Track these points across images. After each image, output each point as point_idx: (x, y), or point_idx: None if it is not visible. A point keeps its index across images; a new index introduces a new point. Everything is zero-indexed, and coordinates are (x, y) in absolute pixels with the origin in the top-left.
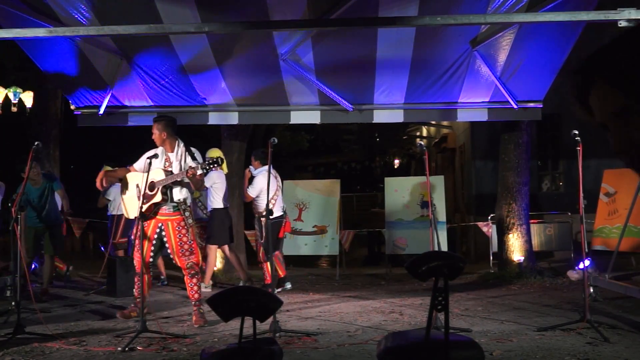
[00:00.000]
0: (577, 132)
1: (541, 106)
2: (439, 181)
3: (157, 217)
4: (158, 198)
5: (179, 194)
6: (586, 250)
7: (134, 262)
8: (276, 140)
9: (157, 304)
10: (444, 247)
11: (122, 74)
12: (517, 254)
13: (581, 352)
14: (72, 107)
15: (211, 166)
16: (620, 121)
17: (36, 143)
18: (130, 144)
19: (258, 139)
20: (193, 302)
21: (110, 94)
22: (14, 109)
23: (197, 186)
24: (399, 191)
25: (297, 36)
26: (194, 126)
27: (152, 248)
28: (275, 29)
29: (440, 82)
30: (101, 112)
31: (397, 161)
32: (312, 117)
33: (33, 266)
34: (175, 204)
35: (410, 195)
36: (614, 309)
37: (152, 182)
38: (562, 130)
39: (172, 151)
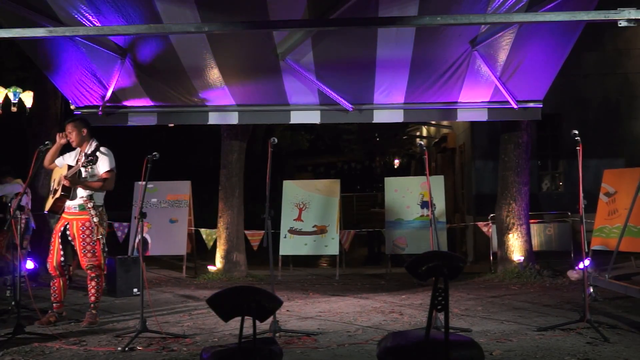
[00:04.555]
0: (577, 132)
1: (541, 106)
2: (439, 181)
3: (64, 215)
4: (58, 194)
5: (81, 192)
6: (586, 250)
7: (47, 265)
8: (276, 140)
9: (157, 303)
10: (444, 247)
11: (122, 74)
12: (517, 254)
13: (581, 352)
14: (72, 107)
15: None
16: None
17: (46, 143)
18: (131, 144)
19: (258, 139)
20: (90, 304)
21: (110, 94)
22: (14, 109)
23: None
24: (399, 191)
25: (297, 36)
26: (194, 126)
27: (60, 247)
28: (275, 29)
29: (440, 82)
30: (101, 112)
31: (397, 161)
32: (312, 117)
33: (34, 267)
34: (80, 203)
35: (410, 195)
36: (614, 309)
37: (63, 177)
38: (562, 130)
39: (85, 150)
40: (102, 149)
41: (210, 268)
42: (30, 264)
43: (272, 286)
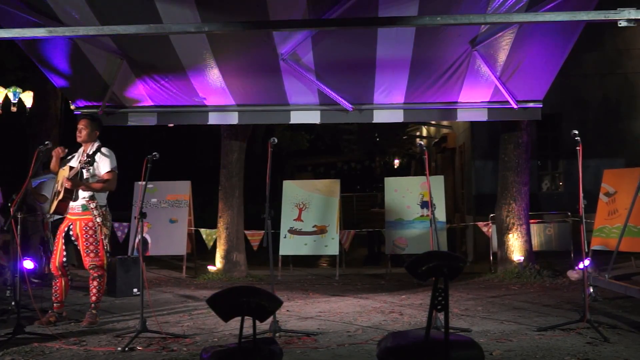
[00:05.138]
0: (577, 132)
1: (541, 106)
2: (439, 181)
3: (68, 216)
4: (61, 195)
5: (83, 192)
6: (586, 250)
7: (50, 265)
8: (276, 140)
9: (157, 303)
10: (444, 247)
11: (122, 74)
12: (517, 254)
13: (581, 352)
14: (72, 107)
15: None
16: None
17: (46, 143)
18: (131, 144)
19: (258, 139)
20: (91, 303)
21: (110, 94)
22: (14, 109)
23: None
24: (399, 191)
25: (297, 36)
26: (193, 126)
27: (63, 247)
28: (275, 29)
29: (440, 82)
30: (101, 112)
31: (397, 161)
32: (312, 117)
33: (33, 266)
34: (83, 204)
35: (410, 195)
36: (614, 309)
37: (65, 179)
38: (562, 130)
39: (87, 150)
40: (103, 149)
41: (210, 268)
42: (29, 264)
43: (272, 286)
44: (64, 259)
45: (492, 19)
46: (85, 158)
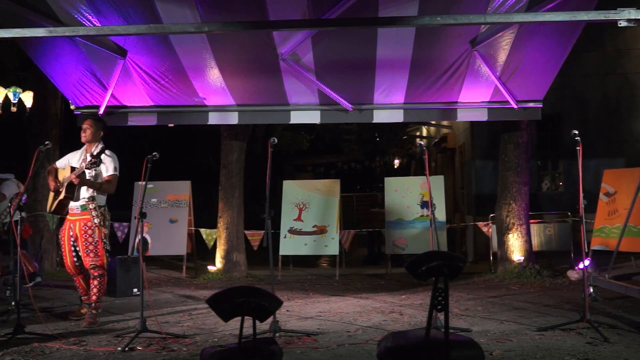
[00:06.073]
0: (577, 132)
1: (541, 106)
2: (439, 181)
3: (68, 217)
4: (62, 195)
5: (83, 193)
6: (586, 250)
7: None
8: (276, 140)
9: (157, 303)
10: (444, 247)
11: (122, 74)
12: (517, 254)
13: (581, 352)
14: (72, 107)
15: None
16: None
17: (46, 143)
18: (131, 144)
19: (258, 139)
20: (91, 304)
21: (110, 94)
22: (14, 109)
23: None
24: (399, 191)
25: (297, 36)
26: (194, 126)
27: (72, 249)
28: (275, 29)
29: (440, 82)
30: (101, 112)
31: (397, 161)
32: (312, 117)
33: (35, 266)
34: (83, 204)
35: (410, 195)
36: (614, 309)
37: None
38: (562, 130)
39: (91, 150)
40: (107, 151)
41: (210, 268)
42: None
43: (272, 286)
44: (75, 259)
45: (492, 19)
46: (89, 158)
